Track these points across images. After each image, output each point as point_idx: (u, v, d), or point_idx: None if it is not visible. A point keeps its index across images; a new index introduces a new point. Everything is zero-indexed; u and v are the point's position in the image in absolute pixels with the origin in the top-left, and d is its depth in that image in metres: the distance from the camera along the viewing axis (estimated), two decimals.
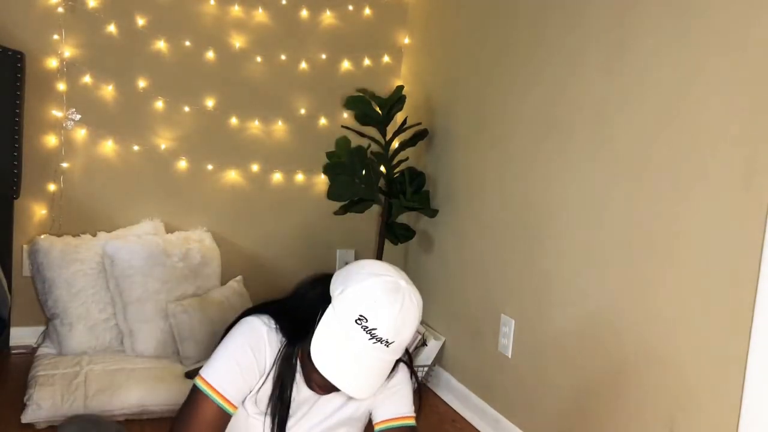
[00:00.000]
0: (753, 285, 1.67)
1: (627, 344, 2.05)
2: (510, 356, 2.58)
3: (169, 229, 3.19)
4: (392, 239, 3.24)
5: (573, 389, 2.27)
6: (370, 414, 1.63)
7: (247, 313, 1.54)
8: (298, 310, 1.47)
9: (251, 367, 1.47)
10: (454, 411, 2.87)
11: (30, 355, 2.92)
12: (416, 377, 1.66)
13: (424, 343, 3.01)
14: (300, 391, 1.52)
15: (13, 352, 3.04)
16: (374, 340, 1.37)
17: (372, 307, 1.37)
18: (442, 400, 2.96)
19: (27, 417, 2.45)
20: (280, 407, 1.50)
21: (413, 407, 1.63)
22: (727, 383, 1.73)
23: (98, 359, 2.79)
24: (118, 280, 2.87)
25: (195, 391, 1.46)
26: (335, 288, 1.43)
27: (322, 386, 1.45)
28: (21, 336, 3.06)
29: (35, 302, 3.02)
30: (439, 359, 3.04)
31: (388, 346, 1.38)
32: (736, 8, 1.75)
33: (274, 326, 1.49)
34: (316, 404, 1.55)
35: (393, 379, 1.57)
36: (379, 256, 3.26)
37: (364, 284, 1.39)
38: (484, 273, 2.78)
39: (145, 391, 2.59)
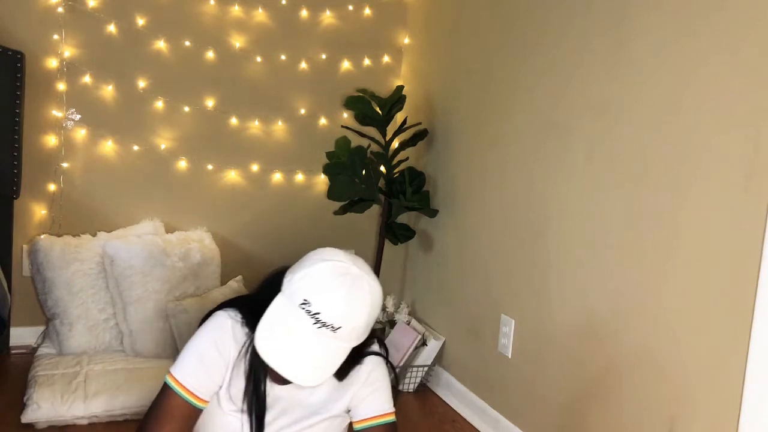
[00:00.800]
0: (753, 285, 1.67)
1: (627, 344, 2.05)
2: (510, 356, 2.58)
3: (169, 229, 3.19)
4: (392, 239, 3.24)
5: (573, 389, 2.27)
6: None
7: (219, 307, 1.55)
8: (259, 302, 1.47)
9: (215, 361, 1.48)
10: (454, 411, 2.87)
11: (30, 355, 2.92)
12: (394, 371, 1.63)
13: (424, 343, 3.01)
14: (275, 385, 1.51)
15: (13, 352, 3.04)
16: (319, 325, 1.36)
17: (317, 290, 1.37)
18: (442, 400, 2.96)
19: (27, 417, 2.45)
20: (256, 403, 1.50)
21: (392, 403, 1.60)
22: (727, 383, 1.73)
23: (98, 359, 2.79)
24: (118, 280, 2.87)
25: (164, 387, 1.48)
26: (287, 276, 1.44)
27: (276, 376, 1.44)
28: (21, 336, 3.06)
29: (35, 302, 3.02)
30: (439, 359, 3.04)
31: (334, 332, 1.37)
32: (737, 7, 1.75)
33: (240, 319, 1.50)
34: (294, 399, 1.54)
35: (372, 375, 1.56)
36: (379, 256, 3.27)
37: (312, 269, 1.41)
38: (484, 273, 2.78)
39: (145, 391, 2.59)
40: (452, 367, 2.98)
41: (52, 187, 3.06)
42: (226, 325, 1.50)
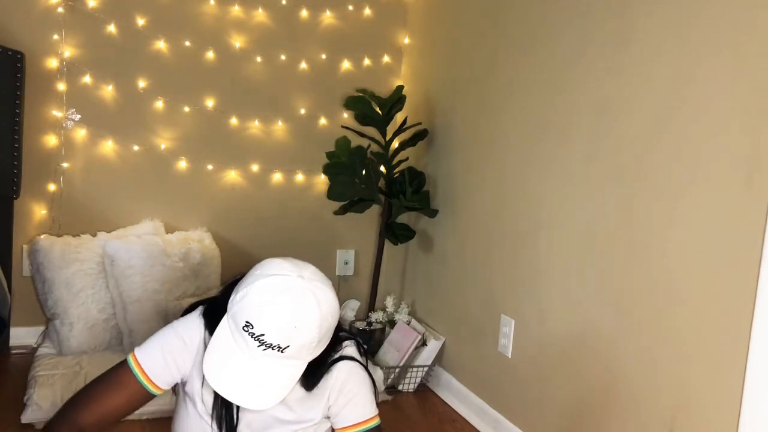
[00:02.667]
0: (753, 285, 1.67)
1: (627, 344, 2.05)
2: (510, 356, 2.58)
3: (169, 229, 3.19)
4: (392, 239, 3.24)
5: (573, 389, 2.27)
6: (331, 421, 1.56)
7: (195, 306, 1.53)
8: (217, 310, 1.44)
9: (178, 352, 1.46)
10: (454, 411, 2.87)
11: (30, 355, 2.92)
12: (371, 374, 1.55)
13: (424, 343, 3.01)
14: None
15: (13, 352, 3.04)
16: (264, 347, 1.31)
17: (257, 312, 1.31)
18: (442, 400, 2.96)
19: (27, 417, 2.45)
20: (226, 417, 1.46)
21: (374, 405, 1.55)
22: (727, 383, 1.73)
23: (98, 359, 2.79)
24: (118, 280, 2.87)
25: (122, 362, 1.48)
26: (233, 293, 1.38)
27: None
28: (21, 336, 3.06)
29: (35, 302, 3.02)
30: (439, 359, 3.04)
31: (282, 352, 1.31)
32: (737, 7, 1.75)
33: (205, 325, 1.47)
34: (266, 410, 1.48)
35: (347, 383, 1.50)
36: (379, 256, 3.27)
37: (252, 288, 1.33)
38: (484, 273, 2.78)
39: None
40: (452, 367, 2.98)
41: (52, 187, 3.06)
42: (194, 325, 1.47)
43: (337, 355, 1.50)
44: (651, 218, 1.98)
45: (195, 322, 1.48)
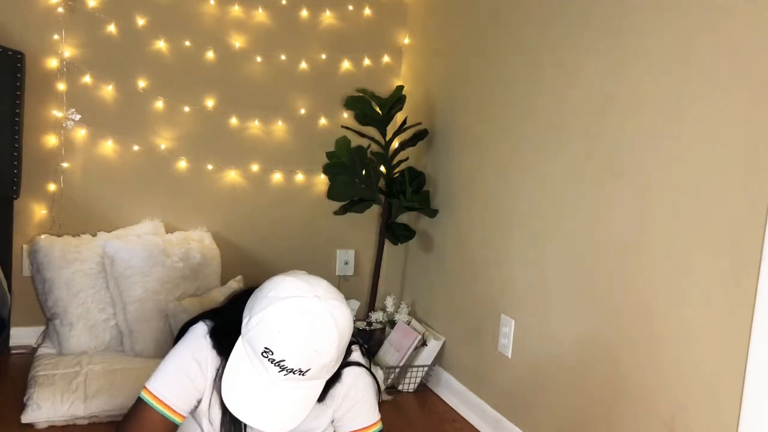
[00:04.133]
0: (753, 285, 1.67)
1: (627, 344, 2.05)
2: (510, 356, 2.58)
3: (169, 229, 3.19)
4: (392, 239, 3.24)
5: (573, 389, 2.27)
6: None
7: (193, 321, 1.49)
8: (223, 328, 1.41)
9: (194, 375, 1.43)
10: (454, 411, 2.87)
11: (30, 355, 2.92)
12: (376, 379, 1.55)
13: (424, 343, 3.01)
14: None
15: (13, 352, 3.04)
16: (285, 372, 1.29)
17: (276, 338, 1.28)
18: (442, 400, 2.96)
19: (27, 417, 2.45)
20: (233, 429, 1.44)
21: (377, 411, 1.54)
22: (727, 383, 1.73)
23: (98, 359, 2.79)
24: (118, 280, 2.87)
25: (139, 401, 1.43)
26: (245, 315, 1.35)
27: None
28: (21, 336, 3.06)
29: (35, 302, 3.02)
30: (439, 359, 3.04)
31: (303, 375, 1.30)
32: (737, 7, 1.75)
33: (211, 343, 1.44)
34: None
35: (352, 389, 1.49)
36: (379, 256, 3.27)
37: (267, 312, 1.30)
38: (484, 273, 2.78)
39: None
40: (452, 367, 2.98)
41: (52, 187, 3.06)
42: (203, 345, 1.44)
43: (342, 362, 1.48)
44: (651, 218, 1.98)
45: (203, 342, 1.44)
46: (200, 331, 1.46)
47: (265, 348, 1.29)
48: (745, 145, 1.71)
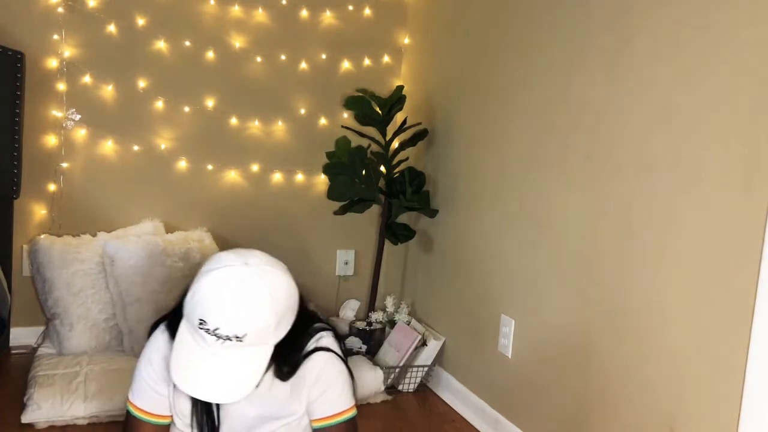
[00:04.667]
0: (753, 285, 1.67)
1: (627, 344, 2.05)
2: (510, 356, 2.58)
3: (169, 229, 3.19)
4: (392, 239, 3.24)
5: (573, 389, 2.27)
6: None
7: (160, 320, 1.53)
8: (178, 317, 1.44)
9: (155, 378, 1.49)
10: (454, 411, 2.87)
11: (30, 355, 2.92)
12: (348, 367, 1.54)
13: (424, 343, 3.01)
14: None
15: (13, 352, 3.04)
16: (222, 340, 1.31)
17: (206, 307, 1.31)
18: (442, 400, 2.96)
19: (27, 417, 2.45)
20: (207, 421, 1.47)
21: (350, 398, 1.54)
22: (727, 383, 1.73)
23: (98, 359, 2.79)
24: (118, 280, 2.87)
25: (126, 414, 1.52)
26: (187, 294, 1.39)
27: None
28: (21, 336, 3.06)
29: (35, 302, 3.02)
30: (439, 359, 3.04)
31: (241, 341, 1.31)
32: (737, 6, 1.75)
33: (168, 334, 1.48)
34: (249, 407, 1.50)
35: (323, 374, 1.49)
36: (379, 256, 3.27)
37: (199, 285, 1.34)
38: (484, 273, 2.78)
39: None
40: (452, 367, 2.98)
41: (52, 187, 3.06)
42: (160, 343, 1.48)
43: (313, 346, 1.50)
44: (651, 219, 1.98)
45: (159, 338, 1.49)
46: (158, 330, 1.50)
47: (200, 320, 1.32)
48: (745, 145, 1.71)
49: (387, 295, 3.31)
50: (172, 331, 1.44)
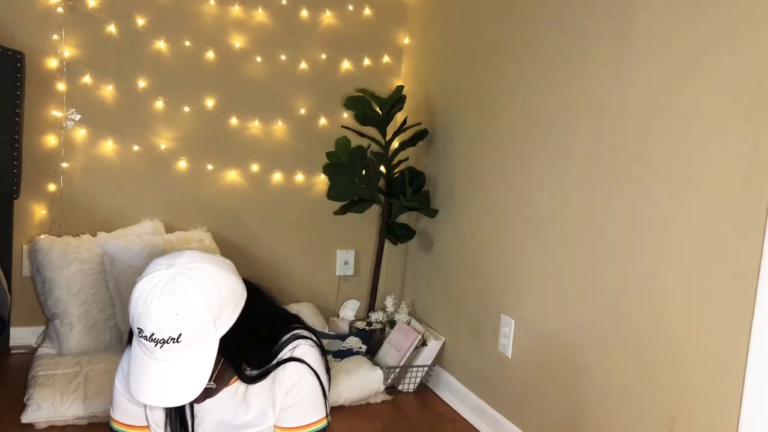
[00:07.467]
0: (753, 285, 1.67)
1: (627, 344, 2.05)
2: (510, 356, 2.58)
3: (169, 229, 3.19)
4: (392, 239, 3.24)
5: (572, 389, 2.27)
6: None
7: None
8: None
9: (122, 391, 1.51)
10: (454, 411, 2.87)
11: (30, 355, 2.92)
12: (320, 380, 1.51)
13: (424, 343, 3.01)
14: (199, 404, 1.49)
15: (13, 352, 3.04)
16: (160, 344, 1.30)
17: (139, 315, 1.33)
18: (442, 400, 2.96)
19: (27, 417, 2.45)
20: (180, 427, 1.49)
21: (319, 411, 1.51)
22: (727, 383, 1.73)
23: (98, 359, 2.79)
24: (118, 280, 2.87)
25: (109, 429, 1.55)
26: None
27: None
28: (21, 336, 3.06)
29: (35, 302, 3.02)
30: (439, 359, 3.04)
31: (178, 342, 1.30)
32: (736, 5, 1.75)
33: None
34: (223, 415, 1.50)
35: (297, 386, 1.47)
36: (379, 256, 3.27)
37: (132, 294, 1.36)
38: (484, 273, 2.78)
39: None
40: (452, 367, 2.98)
41: (52, 187, 3.06)
42: (126, 354, 1.50)
43: (288, 355, 1.47)
44: (651, 218, 1.98)
45: (128, 350, 1.49)
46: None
47: (138, 329, 1.34)
48: (745, 144, 1.71)
49: (387, 295, 3.31)
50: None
